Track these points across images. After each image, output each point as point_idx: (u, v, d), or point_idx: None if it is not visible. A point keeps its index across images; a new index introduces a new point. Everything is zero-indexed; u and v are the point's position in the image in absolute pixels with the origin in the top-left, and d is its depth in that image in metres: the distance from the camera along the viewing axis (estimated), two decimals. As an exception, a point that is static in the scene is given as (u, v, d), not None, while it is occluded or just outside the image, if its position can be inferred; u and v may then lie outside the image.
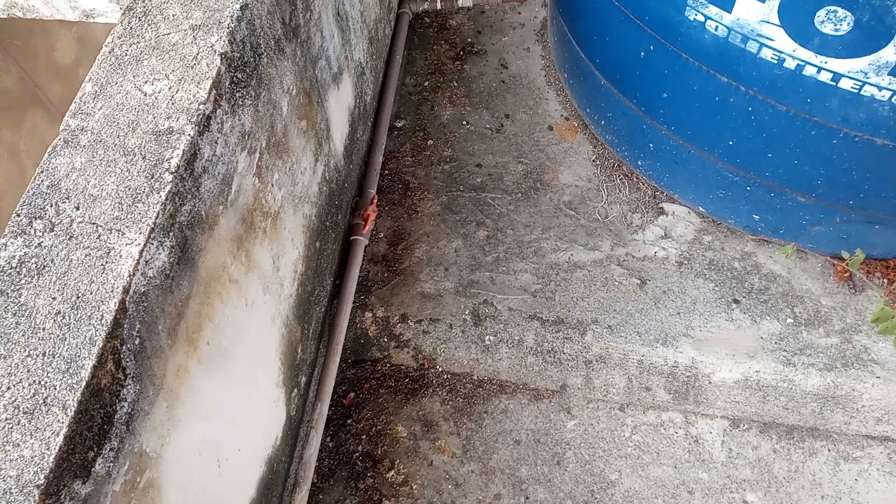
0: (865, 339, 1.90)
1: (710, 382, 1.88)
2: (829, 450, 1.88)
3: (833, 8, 1.29)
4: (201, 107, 1.07)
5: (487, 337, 1.97)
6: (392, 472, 1.86)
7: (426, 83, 2.56)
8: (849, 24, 1.29)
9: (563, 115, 2.42)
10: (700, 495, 1.80)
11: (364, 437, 1.91)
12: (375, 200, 2.14)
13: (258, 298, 1.38)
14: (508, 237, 2.14)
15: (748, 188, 1.86)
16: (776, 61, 1.43)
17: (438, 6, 2.75)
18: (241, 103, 1.22)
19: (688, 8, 1.52)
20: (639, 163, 2.15)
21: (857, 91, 1.37)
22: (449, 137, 2.40)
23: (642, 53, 1.77)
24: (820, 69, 1.38)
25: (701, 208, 2.09)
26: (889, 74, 1.32)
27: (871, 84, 1.34)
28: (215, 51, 1.16)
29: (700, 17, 1.52)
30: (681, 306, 1.96)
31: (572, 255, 2.08)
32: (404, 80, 2.57)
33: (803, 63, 1.39)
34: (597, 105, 2.18)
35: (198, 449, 1.16)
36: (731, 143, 1.74)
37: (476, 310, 2.00)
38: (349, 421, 1.94)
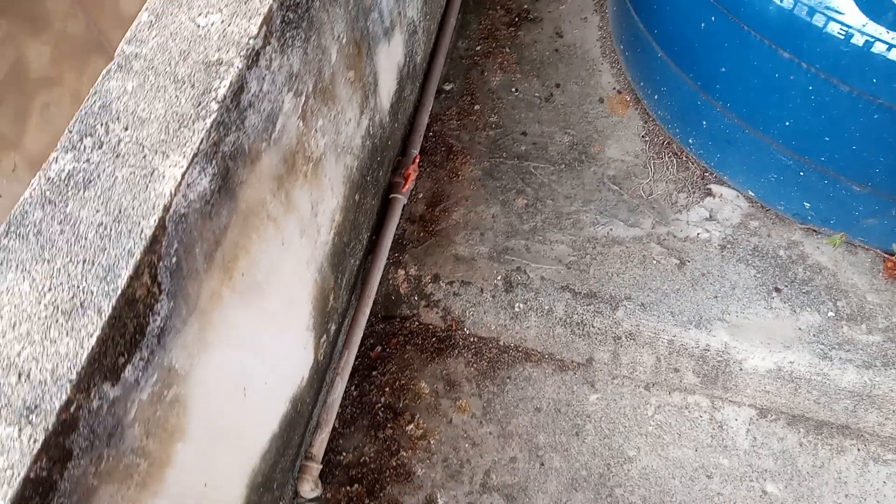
0: (910, 340, 1.83)
1: (741, 369, 1.84)
2: (858, 449, 1.83)
3: (910, -18, 1.22)
4: (251, 41, 1.09)
5: (517, 304, 1.97)
6: (412, 426, 1.89)
7: (478, 48, 2.53)
8: (926, 0, 1.23)
9: (616, 89, 2.37)
10: (718, 480, 1.78)
11: (387, 389, 1.95)
12: (417, 160, 2.15)
13: (294, 240, 1.41)
14: (548, 207, 2.12)
15: (801, 173, 1.79)
16: (843, 37, 1.37)
17: (498, -29, 2.71)
18: (290, 44, 1.24)
19: (753, -22, 1.47)
20: (690, 141, 2.09)
21: (928, 73, 1.30)
22: (496, 104, 2.38)
23: (703, 24, 1.71)
24: (890, 47, 1.32)
25: (750, 192, 2.03)
26: (964, 56, 1.25)
27: (944, 65, 1.27)
28: (269, -11, 1.17)
29: (765, -12, 1.46)
30: (719, 290, 1.92)
31: (611, 229, 2.05)
32: (456, 44, 2.56)
33: (873, 39, 1.33)
34: (651, 78, 2.13)
35: (225, 375, 1.20)
36: (787, 123, 1.67)
37: (508, 276, 1.99)
38: (374, 373, 1.98)
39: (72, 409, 0.80)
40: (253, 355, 1.31)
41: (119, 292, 0.85)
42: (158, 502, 1.06)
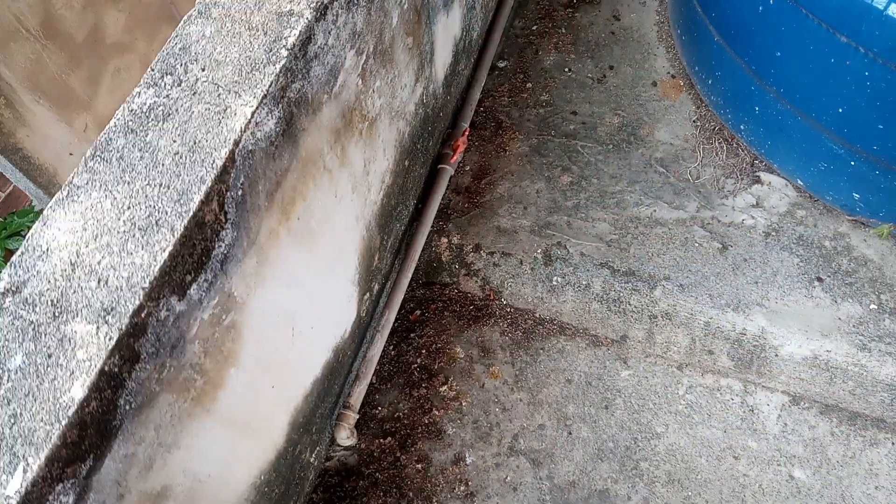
0: (956, 338, 1.80)
1: (776, 355, 1.85)
2: (893, 443, 1.81)
3: (976, -35, 1.21)
4: (319, -5, 1.16)
5: (555, 278, 2.01)
6: (445, 387, 1.95)
7: (534, 27, 2.56)
8: None
9: (670, 73, 2.37)
10: (746, 462, 1.79)
11: (424, 351, 2.02)
12: (467, 133, 2.20)
13: (346, 195, 1.48)
14: (592, 185, 2.15)
15: (853, 163, 1.78)
16: (903, 21, 1.36)
17: (558, -47, 2.73)
18: (355, 2, 1.30)
19: (815, -41, 1.46)
20: (741, 127, 2.09)
21: None
22: (548, 83, 2.40)
23: (760, 8, 1.71)
24: (951, 32, 1.31)
25: (799, 181, 2.02)
26: None
27: None
28: (338, -51, 1.23)
29: (827, -30, 1.46)
30: (760, 276, 1.92)
31: (655, 210, 2.07)
32: (513, 22, 2.59)
33: (933, 24, 1.32)
34: (706, 62, 2.13)
35: (277, 311, 1.29)
36: (840, 110, 1.66)
37: (548, 250, 2.03)
38: (412, 335, 2.05)
39: (143, 315, 0.89)
40: (302, 298, 1.39)
41: (191, 214, 0.93)
42: (209, 420, 1.14)
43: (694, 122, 2.24)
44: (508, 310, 2.08)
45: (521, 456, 1.85)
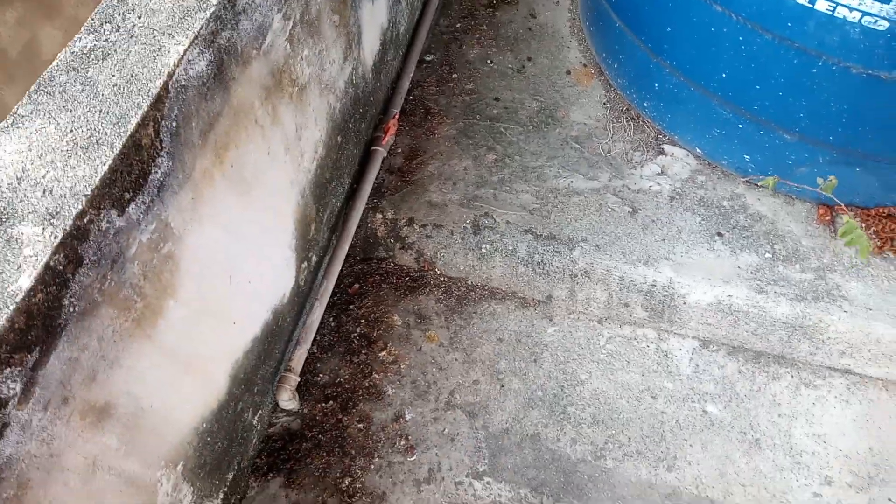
0: (839, 277, 2.01)
1: (684, 303, 2.02)
2: (792, 376, 2.00)
3: (811, -66, 1.44)
4: (246, -43, 1.28)
5: (484, 245, 2.15)
6: (384, 353, 2.05)
7: (458, 25, 2.75)
8: (824, -51, 1.44)
9: (582, 62, 2.58)
10: (663, 400, 1.95)
11: (363, 321, 2.11)
12: (397, 117, 2.34)
13: (279, 155, 1.59)
14: (515, 162, 2.31)
15: (740, 125, 1.99)
16: (760, -14, 1.58)
17: (479, -38, 2.94)
18: (280, -28, 1.43)
19: (688, -61, 1.68)
20: (645, 104, 2.30)
21: (831, 13, 1.50)
22: (473, 73, 2.58)
23: (650, -11, 1.93)
24: (799, -7, 1.53)
25: (698, 150, 2.23)
26: (858, -3, 1.46)
27: (843, 5, 1.48)
28: (263, -78, 1.37)
29: (698, -52, 1.67)
30: (666, 234, 2.11)
31: (572, 182, 2.24)
32: (438, 21, 2.77)
33: (784, -14, 1.54)
34: (611, 48, 2.34)
35: (214, 254, 1.37)
36: (724, 75, 1.88)
37: (476, 220, 2.18)
38: (351, 307, 2.14)
39: (85, 220, 0.97)
40: (239, 248, 1.48)
41: (128, 134, 1.03)
42: (150, 346, 1.22)
43: (604, 104, 2.45)
44: (442, 279, 2.20)
45: (457, 409, 1.95)
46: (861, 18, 1.48)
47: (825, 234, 2.09)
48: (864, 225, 2.07)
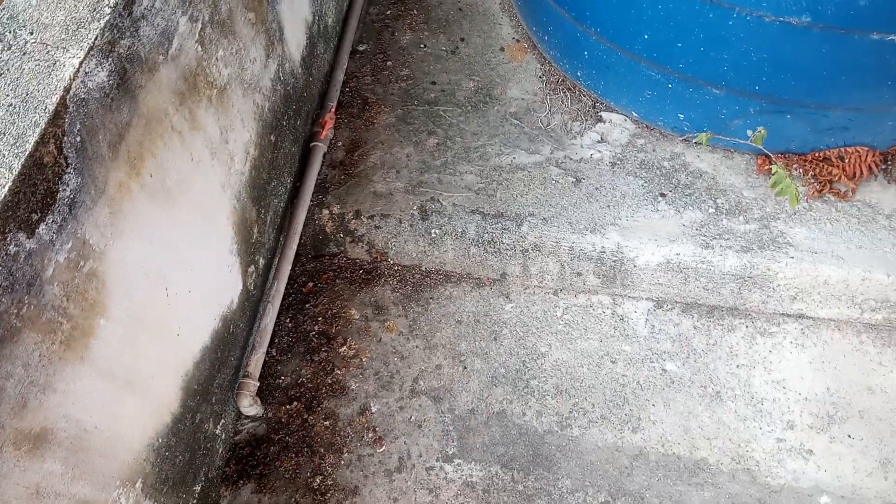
0: (782, 224, 2.05)
1: (634, 266, 2.04)
2: (746, 326, 2.04)
3: None
4: (139, -39, 1.25)
5: (433, 230, 2.14)
6: (344, 347, 2.04)
7: (388, 11, 2.73)
8: None
9: (515, 38, 2.58)
10: (622, 364, 1.97)
11: (320, 318, 2.10)
12: (333, 109, 2.32)
13: (205, 160, 1.56)
14: (457, 144, 2.31)
15: (669, 85, 2.01)
16: (669, -58, 1.59)
17: (405, -53, 2.92)
18: (182, -26, 1.40)
19: None
20: (578, 74, 2.31)
21: (738, -37, 1.52)
22: (407, 59, 2.56)
23: (567, -43, 1.93)
24: (705, -54, 1.54)
25: (634, 114, 2.25)
26: (763, -55, 1.47)
27: (749, -45, 1.49)
28: (157, -76, 1.33)
29: (606, -89, 1.67)
30: (611, 200, 2.12)
31: (514, 158, 2.25)
32: (368, 10, 2.74)
33: (691, -59, 1.55)
34: (540, 21, 2.34)
35: (143, 268, 1.35)
36: (646, 36, 1.89)
37: (423, 206, 2.17)
38: (307, 305, 2.12)
39: (-11, 247, 0.94)
40: (172, 257, 1.46)
41: (27, 154, 1.00)
42: (85, 368, 1.19)
43: (540, 77, 2.45)
44: (396, 268, 2.19)
45: (422, 396, 1.95)
46: (768, -35, 1.49)
47: (766, 184, 2.12)
48: (802, 170, 2.11)
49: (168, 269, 1.45)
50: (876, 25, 1.55)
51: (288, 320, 2.09)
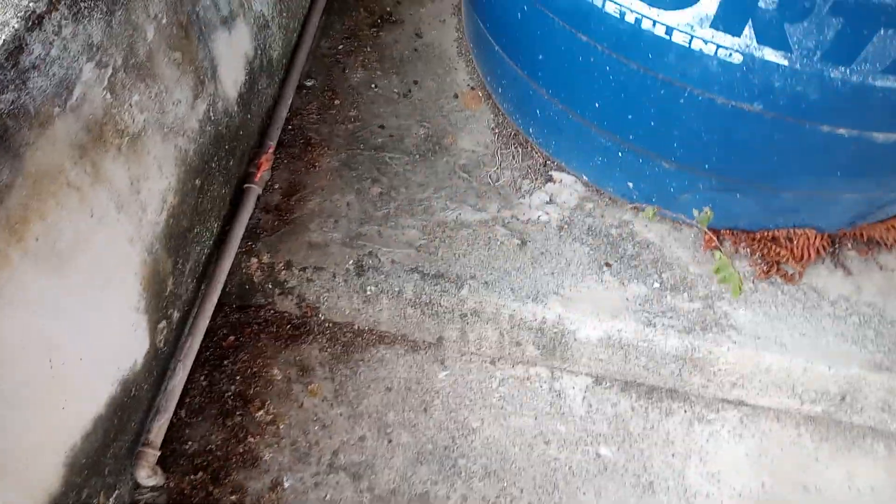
0: (727, 305, 1.99)
1: (575, 339, 1.96)
2: (685, 411, 1.97)
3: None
4: (31, 4, 1.10)
5: (369, 287, 2.02)
6: (262, 412, 1.89)
7: (340, 47, 2.61)
8: (672, -24, 1.38)
9: (470, 85, 2.49)
10: (556, 446, 1.87)
11: (238, 378, 1.94)
12: (272, 150, 2.18)
13: (109, 214, 1.41)
14: (401, 195, 2.19)
15: (620, 154, 1.94)
16: (618, 15, 1.51)
17: (364, -24, 2.81)
18: (87, 14, 1.25)
19: (546, -34, 1.60)
20: (530, 130, 2.23)
21: (688, 45, 1.45)
22: (356, 99, 2.44)
23: (519, 14, 1.84)
24: (655, 22, 1.46)
25: (584, 176, 2.17)
26: (711, 27, 1.40)
27: (698, 38, 1.42)
28: (62, -42, 1.19)
29: (556, -25, 1.59)
30: (555, 267, 2.03)
31: (460, 214, 2.14)
32: (319, 43, 2.62)
33: (641, 16, 1.47)
34: (494, 72, 2.26)
35: (23, 340, 1.19)
36: (597, 105, 1.82)
37: (360, 260, 2.04)
38: (226, 362, 1.97)
39: None
40: (60, 324, 1.30)
41: None
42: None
43: (493, 129, 2.36)
44: (327, 325, 2.06)
45: (340, 472, 1.82)
46: (717, 51, 1.43)
47: (712, 261, 2.06)
48: (750, 249, 2.06)
49: (55, 338, 1.29)
50: (826, 119, 1.50)
51: (202, 378, 1.93)
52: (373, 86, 2.48)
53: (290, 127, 2.35)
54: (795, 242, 2.04)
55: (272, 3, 2.20)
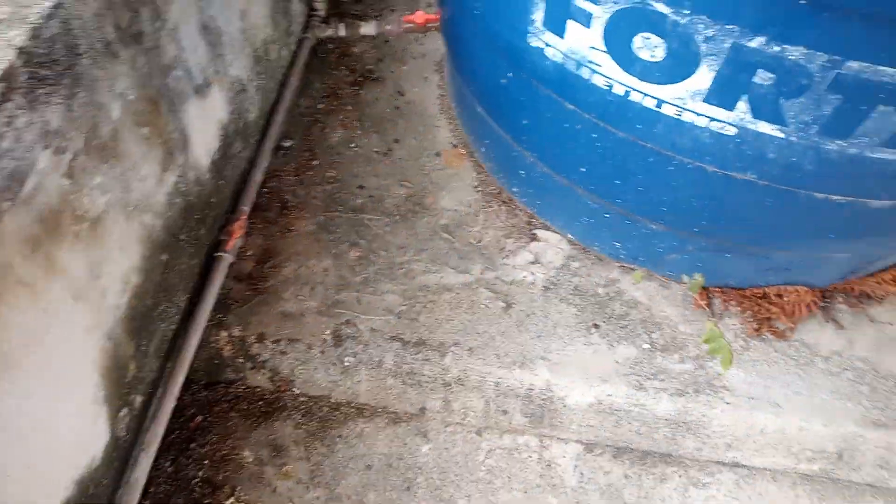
0: (719, 365, 1.93)
1: (564, 405, 1.88)
2: (679, 476, 1.88)
3: (647, 35, 1.34)
4: (-24, 96, 1.04)
5: (347, 358, 1.93)
6: (231, 499, 1.78)
7: (320, 105, 2.56)
8: (662, 50, 1.34)
9: (452, 143, 2.44)
10: (548, 522, 1.78)
11: (207, 462, 1.84)
12: (245, 217, 2.10)
13: (63, 306, 1.32)
14: (381, 258, 2.12)
15: (606, 215, 1.89)
16: (607, 87, 1.47)
17: (342, 33, 2.79)
18: (45, 100, 1.19)
19: (529, 35, 1.57)
20: (514, 189, 2.18)
21: (678, 117, 1.41)
22: (335, 159, 2.39)
23: (503, 80, 1.80)
24: (644, 95, 1.43)
25: (570, 235, 2.12)
26: (704, 101, 1.37)
27: (689, 110, 1.38)
28: (12, 45, 1.13)
29: (540, 44, 1.56)
30: (542, 329, 1.96)
31: (442, 277, 2.08)
32: (298, 102, 2.57)
33: (629, 89, 1.44)
34: (477, 132, 2.22)
35: (-40, 458, 1.09)
36: (583, 169, 1.77)
37: (337, 330, 1.96)
38: (192, 445, 1.86)
39: None
40: (7, 435, 1.20)
41: None
42: None
43: (475, 187, 2.31)
44: (302, 399, 1.97)
45: (321, 559, 1.71)
46: (709, 123, 1.39)
47: (703, 319, 2.01)
48: (740, 307, 2.01)
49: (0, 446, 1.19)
50: (821, 187, 1.46)
51: (168, 463, 1.82)
52: (352, 145, 2.43)
53: (265, 190, 2.29)
54: (786, 299, 1.99)
55: (250, 66, 2.16)
